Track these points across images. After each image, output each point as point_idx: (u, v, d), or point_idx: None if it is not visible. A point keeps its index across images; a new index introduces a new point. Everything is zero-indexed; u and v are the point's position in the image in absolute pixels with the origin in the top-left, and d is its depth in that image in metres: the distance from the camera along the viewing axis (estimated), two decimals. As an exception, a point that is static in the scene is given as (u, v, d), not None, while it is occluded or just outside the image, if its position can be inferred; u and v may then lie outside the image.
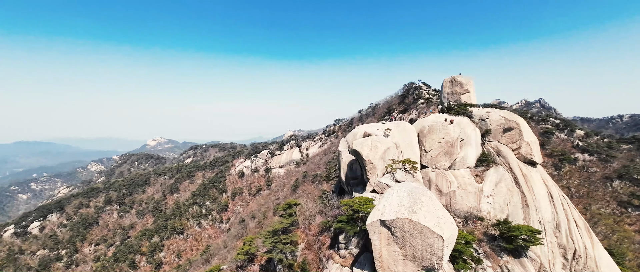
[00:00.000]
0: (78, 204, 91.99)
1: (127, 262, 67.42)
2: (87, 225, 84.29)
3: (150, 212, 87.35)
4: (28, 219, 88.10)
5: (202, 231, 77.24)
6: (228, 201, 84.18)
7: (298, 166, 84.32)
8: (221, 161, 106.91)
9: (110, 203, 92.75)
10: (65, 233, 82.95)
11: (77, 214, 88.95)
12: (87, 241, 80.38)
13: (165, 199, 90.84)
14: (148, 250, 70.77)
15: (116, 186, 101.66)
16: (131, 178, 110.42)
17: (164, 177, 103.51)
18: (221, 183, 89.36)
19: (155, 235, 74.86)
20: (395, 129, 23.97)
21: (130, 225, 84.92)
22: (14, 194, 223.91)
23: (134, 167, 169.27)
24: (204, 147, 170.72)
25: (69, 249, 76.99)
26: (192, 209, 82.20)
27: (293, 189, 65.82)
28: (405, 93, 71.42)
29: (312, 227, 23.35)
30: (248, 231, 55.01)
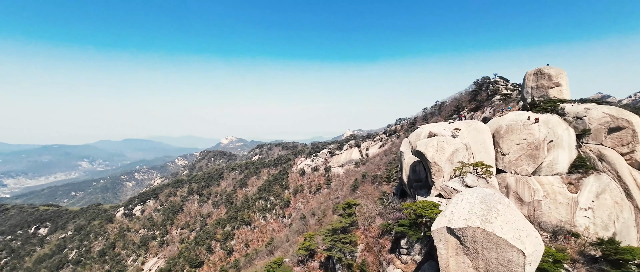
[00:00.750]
0: (168, 193, 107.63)
1: (205, 247, 76.15)
2: (175, 211, 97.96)
3: (224, 204, 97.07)
4: (133, 203, 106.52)
5: (267, 224, 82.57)
6: (290, 197, 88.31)
7: (357, 166, 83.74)
8: (284, 159, 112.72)
9: (192, 193, 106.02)
10: (158, 217, 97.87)
11: (167, 201, 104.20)
12: (174, 225, 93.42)
13: (236, 193, 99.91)
14: (221, 237, 78.76)
15: (197, 178, 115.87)
16: (208, 172, 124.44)
17: (235, 173, 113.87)
18: (284, 180, 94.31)
19: (228, 224, 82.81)
20: (466, 128, 21.89)
21: (208, 214, 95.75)
22: (123, 182, 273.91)
23: (211, 162, 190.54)
24: (269, 145, 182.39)
25: (161, 230, 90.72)
26: (258, 203, 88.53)
27: (352, 189, 65.58)
28: (477, 89, 64.53)
29: (371, 229, 22.90)
30: (308, 228, 56.77)
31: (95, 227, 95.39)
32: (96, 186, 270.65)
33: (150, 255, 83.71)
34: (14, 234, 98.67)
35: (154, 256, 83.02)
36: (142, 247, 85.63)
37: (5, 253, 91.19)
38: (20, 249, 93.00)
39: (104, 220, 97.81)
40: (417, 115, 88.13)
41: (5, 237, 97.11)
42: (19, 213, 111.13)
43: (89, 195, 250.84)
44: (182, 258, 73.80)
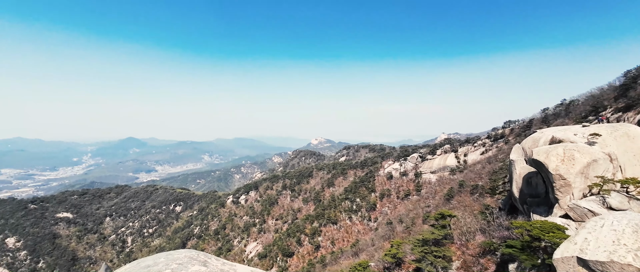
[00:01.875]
0: (266, 187, 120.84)
1: (295, 239, 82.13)
2: (271, 203, 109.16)
3: (312, 201, 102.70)
4: (239, 192, 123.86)
5: (352, 225, 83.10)
6: (376, 200, 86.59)
7: (453, 173, 75.54)
8: (371, 162, 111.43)
9: (285, 188, 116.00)
10: (258, 207, 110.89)
11: (265, 193, 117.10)
12: (270, 216, 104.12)
13: (324, 191, 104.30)
14: (310, 232, 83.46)
15: (289, 175, 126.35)
16: (299, 170, 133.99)
17: (323, 172, 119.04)
18: (370, 183, 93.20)
19: (316, 221, 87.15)
20: (609, 134, 16.87)
21: (298, 209, 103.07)
22: (232, 174, 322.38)
23: (302, 161, 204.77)
24: (356, 147, 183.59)
25: (260, 219, 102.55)
26: (344, 204, 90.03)
27: (446, 198, 59.50)
28: (628, 82, 48.82)
29: (470, 246, 20.18)
30: (395, 234, 54.35)
31: (212, 210, 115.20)
32: (213, 176, 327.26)
33: (251, 239, 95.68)
34: (161, 208, 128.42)
35: (254, 240, 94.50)
36: (245, 232, 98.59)
37: (155, 222, 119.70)
38: (164, 220, 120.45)
39: (218, 205, 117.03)
40: (534, 117, 73.23)
41: (156, 209, 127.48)
42: (163, 193, 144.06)
43: (208, 183, 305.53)
44: (276, 246, 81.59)
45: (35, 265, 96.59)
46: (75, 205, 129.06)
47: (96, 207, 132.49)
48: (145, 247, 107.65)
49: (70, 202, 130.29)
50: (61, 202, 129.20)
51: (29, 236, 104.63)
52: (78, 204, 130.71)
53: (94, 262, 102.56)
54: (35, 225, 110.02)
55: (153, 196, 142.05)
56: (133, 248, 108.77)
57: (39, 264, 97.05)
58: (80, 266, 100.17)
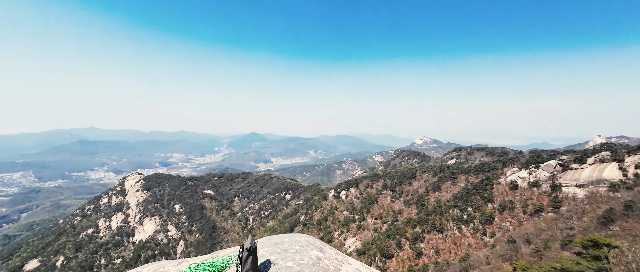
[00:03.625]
0: (366, 185, 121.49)
1: (395, 241, 79.46)
2: (371, 201, 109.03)
3: (415, 204, 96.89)
4: (340, 188, 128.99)
5: (462, 237, 74.04)
6: (494, 213, 74.30)
7: (614, 190, 56.91)
8: (488, 167, 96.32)
9: (386, 188, 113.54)
10: (358, 203, 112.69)
11: (365, 191, 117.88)
12: (370, 214, 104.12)
13: (428, 195, 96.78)
14: (411, 237, 79.11)
15: (390, 175, 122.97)
16: (401, 171, 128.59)
17: (428, 175, 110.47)
18: (487, 191, 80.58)
19: (418, 226, 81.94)
20: None
21: (399, 210, 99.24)
22: (334, 170, 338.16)
23: (404, 161, 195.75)
24: (469, 149, 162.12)
25: (359, 216, 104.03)
26: (453, 211, 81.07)
27: (602, 222, 45.45)
28: None
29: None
30: (520, 256, 45.32)
31: (315, 201, 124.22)
32: (317, 170, 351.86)
33: (350, 234, 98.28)
34: (274, 195, 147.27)
35: (353, 236, 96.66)
36: (345, 226, 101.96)
37: (270, 206, 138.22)
38: (276, 206, 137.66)
39: (321, 197, 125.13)
40: None
41: (270, 195, 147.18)
42: (276, 181, 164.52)
43: (312, 176, 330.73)
44: (374, 245, 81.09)
45: (191, 227, 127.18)
46: (215, 185, 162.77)
47: (229, 188, 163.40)
48: (262, 226, 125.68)
49: (212, 183, 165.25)
50: (206, 182, 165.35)
51: (187, 205, 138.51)
52: (217, 184, 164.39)
53: (226, 232, 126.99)
54: (191, 197, 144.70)
55: (268, 183, 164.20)
56: (253, 226, 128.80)
57: (193, 226, 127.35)
58: (218, 234, 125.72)
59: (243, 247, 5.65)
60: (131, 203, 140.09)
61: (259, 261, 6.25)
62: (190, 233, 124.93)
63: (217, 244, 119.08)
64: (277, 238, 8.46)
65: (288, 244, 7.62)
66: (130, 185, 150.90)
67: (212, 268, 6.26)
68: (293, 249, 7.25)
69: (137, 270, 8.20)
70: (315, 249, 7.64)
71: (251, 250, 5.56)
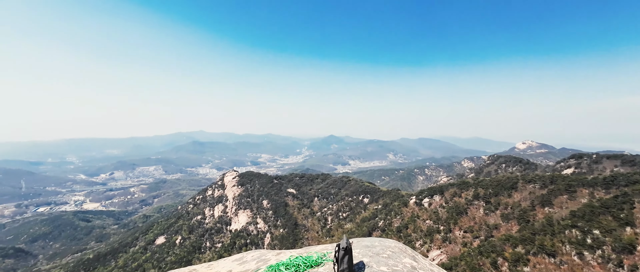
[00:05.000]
0: (453, 193, 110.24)
1: (490, 260, 69.49)
2: (459, 212, 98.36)
3: (516, 219, 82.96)
4: (422, 194, 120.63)
5: (584, 265, 59.65)
6: (634, 239, 57.45)
7: None
8: (625, 180, 75.23)
9: (478, 198, 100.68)
10: (443, 213, 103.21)
11: (452, 200, 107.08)
12: (457, 225, 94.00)
13: (534, 210, 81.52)
14: (511, 258, 67.92)
15: (484, 184, 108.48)
16: (498, 179, 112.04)
17: (534, 185, 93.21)
18: (623, 211, 62.86)
19: (520, 245, 69.83)
20: None
21: (494, 225, 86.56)
22: (415, 175, 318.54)
23: (501, 169, 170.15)
24: (594, 157, 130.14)
25: (445, 226, 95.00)
26: (570, 233, 66.16)
27: None
28: None
29: None
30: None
31: (395, 207, 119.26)
32: (397, 175, 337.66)
33: (434, 246, 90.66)
34: (352, 197, 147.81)
35: (437, 248, 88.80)
36: (428, 237, 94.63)
37: (348, 209, 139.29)
38: (354, 208, 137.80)
39: (401, 203, 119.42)
40: None
41: (348, 198, 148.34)
42: (354, 184, 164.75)
43: (392, 180, 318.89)
44: (463, 261, 72.66)
45: (276, 222, 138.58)
46: (297, 184, 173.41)
47: (309, 188, 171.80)
48: (340, 228, 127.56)
49: (294, 182, 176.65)
50: (289, 181, 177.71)
51: (273, 201, 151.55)
52: (299, 184, 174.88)
53: (307, 230, 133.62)
54: (276, 195, 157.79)
55: (346, 185, 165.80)
56: (331, 226, 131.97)
57: (278, 221, 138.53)
58: (299, 230, 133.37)
59: (339, 246, 5.71)
60: (229, 196, 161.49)
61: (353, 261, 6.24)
62: (276, 227, 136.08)
63: (298, 240, 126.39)
64: (367, 241, 8.30)
65: (379, 248, 7.36)
66: (228, 180, 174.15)
67: (309, 262, 6.55)
68: (385, 254, 6.97)
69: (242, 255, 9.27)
70: (407, 257, 7.17)
71: (347, 249, 5.57)
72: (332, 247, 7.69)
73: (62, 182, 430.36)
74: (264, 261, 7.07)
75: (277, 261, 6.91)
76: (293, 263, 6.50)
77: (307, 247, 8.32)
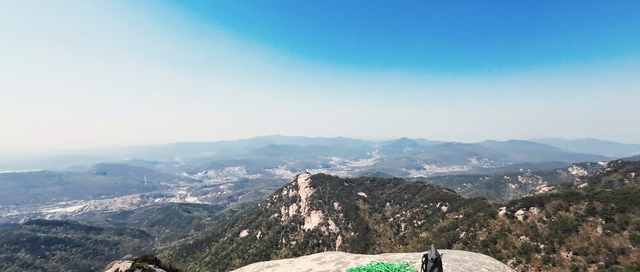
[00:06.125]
0: (557, 205, 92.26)
1: (614, 292, 55.56)
2: (565, 229, 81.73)
3: (654, 244, 64.47)
4: (515, 205, 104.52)
5: None
6: None
7: None
8: None
9: (593, 214, 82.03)
10: (543, 229, 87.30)
11: (555, 214, 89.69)
12: (564, 245, 78.18)
13: (685, 235, 61.93)
14: (648, 293, 52.95)
15: (602, 196, 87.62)
16: (624, 191, 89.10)
17: (684, 202, 70.96)
18: None
19: (663, 278, 53.88)
20: None
21: (620, 249, 68.95)
22: (505, 182, 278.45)
23: (629, 178, 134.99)
24: None
25: (546, 245, 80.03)
26: None
27: None
28: None
29: None
30: None
31: (479, 218, 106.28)
32: (481, 182, 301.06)
33: (531, 267, 77.32)
34: (428, 204, 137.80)
35: (537, 270, 75.39)
36: (523, 255, 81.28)
37: (423, 216, 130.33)
38: (430, 216, 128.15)
39: (487, 214, 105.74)
40: None
41: (423, 205, 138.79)
42: (430, 190, 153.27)
43: (475, 188, 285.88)
44: (574, 290, 59.87)
45: (347, 225, 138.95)
46: (368, 188, 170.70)
47: (380, 192, 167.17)
48: (415, 236, 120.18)
49: (365, 185, 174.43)
50: (360, 185, 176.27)
51: (344, 204, 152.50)
52: (369, 187, 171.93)
53: (379, 235, 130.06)
54: (347, 197, 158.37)
55: (421, 191, 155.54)
56: (405, 234, 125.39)
57: (348, 224, 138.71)
58: (370, 235, 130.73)
59: (427, 256, 5.19)
60: (302, 197, 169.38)
61: (440, 275, 5.61)
62: (347, 230, 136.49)
63: (370, 245, 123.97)
64: (455, 254, 7.40)
65: (471, 263, 6.44)
66: (301, 182, 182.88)
67: (391, 270, 6.17)
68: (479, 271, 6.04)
69: (320, 255, 9.46)
70: (507, 278, 6.08)
71: (437, 262, 5.01)
72: (414, 256, 7.10)
73: (171, 179, 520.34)
74: (343, 264, 6.98)
75: (357, 265, 6.72)
76: (374, 269, 6.20)
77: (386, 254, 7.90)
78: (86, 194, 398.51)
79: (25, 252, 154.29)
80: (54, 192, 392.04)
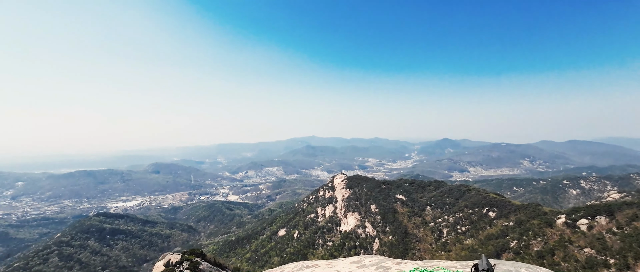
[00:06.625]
0: (632, 215, 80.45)
1: None
2: (643, 243, 70.85)
3: None
4: (577, 214, 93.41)
5: None
6: None
7: None
8: None
9: (680, 227, 70.10)
10: (614, 241, 76.71)
11: (629, 225, 78.28)
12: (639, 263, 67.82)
13: None
14: None
15: (692, 206, 74.49)
16: None
17: None
18: None
19: None
20: None
21: None
22: (565, 187, 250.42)
23: None
24: None
25: (618, 260, 70.14)
26: None
27: None
28: None
29: None
30: None
31: (533, 226, 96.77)
32: (536, 186, 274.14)
33: (599, 284, 68.33)
34: (473, 209, 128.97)
35: (606, 288, 66.41)
36: (589, 270, 72.15)
37: (468, 222, 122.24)
38: (476, 222, 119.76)
39: (543, 222, 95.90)
40: None
41: (468, 209, 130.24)
42: (476, 194, 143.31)
43: (528, 193, 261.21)
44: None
45: (384, 228, 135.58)
46: (407, 190, 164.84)
47: (420, 195, 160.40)
48: (458, 243, 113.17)
49: (403, 188, 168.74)
50: (398, 187, 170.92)
51: (381, 206, 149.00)
52: (408, 190, 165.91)
53: (418, 240, 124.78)
54: (384, 200, 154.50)
55: (466, 195, 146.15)
56: (447, 240, 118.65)
57: (386, 227, 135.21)
58: (410, 240, 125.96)
59: (477, 267, 4.77)
60: (338, 198, 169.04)
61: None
62: (384, 233, 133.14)
63: (409, 250, 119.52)
64: (509, 265, 6.70)
65: (528, 277, 5.78)
66: (338, 183, 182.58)
67: (436, 279, 5.80)
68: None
69: (360, 258, 9.29)
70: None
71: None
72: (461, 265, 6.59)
73: (215, 178, 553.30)
74: (384, 269, 6.72)
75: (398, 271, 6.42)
76: (419, 277, 5.88)
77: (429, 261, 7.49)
78: (142, 190, 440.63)
79: (94, 240, 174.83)
80: (117, 188, 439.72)
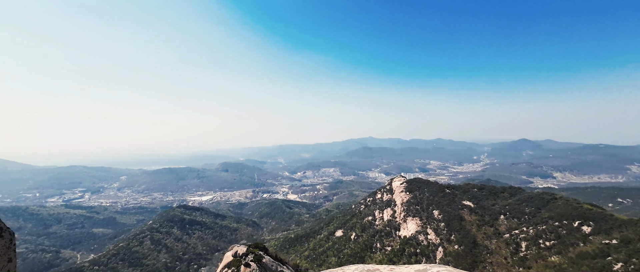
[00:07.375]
0: None
1: None
2: None
3: None
4: None
5: None
6: None
7: None
8: None
9: None
10: None
11: None
12: None
13: None
14: None
15: None
16: None
17: None
18: None
19: None
20: None
21: None
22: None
23: None
24: None
25: None
26: None
27: None
28: None
29: None
30: None
31: (648, 247, 78.39)
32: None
33: None
34: (560, 222, 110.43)
35: None
36: None
37: (554, 236, 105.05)
38: (564, 237, 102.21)
39: (663, 243, 76.90)
40: None
41: (554, 222, 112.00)
42: (564, 204, 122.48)
43: (636, 205, 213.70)
44: None
45: (449, 236, 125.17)
46: (475, 197, 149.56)
47: (492, 203, 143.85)
48: (541, 259, 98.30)
49: (471, 194, 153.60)
50: (465, 192, 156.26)
51: (445, 212, 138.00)
52: (477, 196, 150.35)
53: (490, 253, 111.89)
54: (449, 206, 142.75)
55: (550, 205, 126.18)
56: (527, 255, 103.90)
57: (451, 236, 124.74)
58: (479, 251, 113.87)
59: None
60: (397, 201, 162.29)
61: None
62: (449, 242, 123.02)
63: (478, 263, 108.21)
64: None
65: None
66: (396, 185, 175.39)
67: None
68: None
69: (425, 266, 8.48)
70: None
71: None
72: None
73: (275, 177, 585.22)
74: (454, 285, 5.93)
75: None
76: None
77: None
78: (214, 186, 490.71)
79: (177, 229, 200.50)
80: (194, 184, 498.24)
